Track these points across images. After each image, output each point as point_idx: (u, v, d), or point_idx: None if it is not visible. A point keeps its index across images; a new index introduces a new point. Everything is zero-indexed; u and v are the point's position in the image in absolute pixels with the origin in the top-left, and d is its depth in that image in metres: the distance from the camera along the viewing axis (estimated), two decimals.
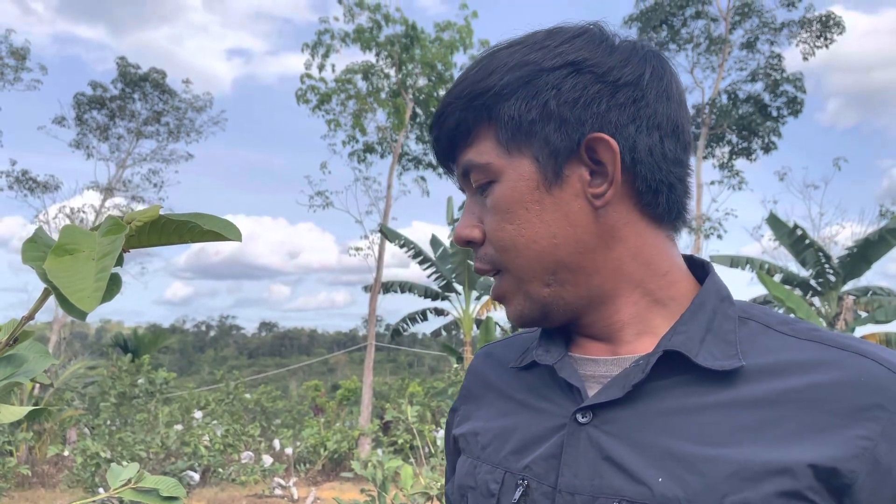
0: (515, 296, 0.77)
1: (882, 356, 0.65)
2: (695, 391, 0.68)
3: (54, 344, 17.98)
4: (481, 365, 0.92)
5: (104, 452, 9.17)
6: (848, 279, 15.14)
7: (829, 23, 18.68)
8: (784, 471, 0.62)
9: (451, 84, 0.80)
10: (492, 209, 0.75)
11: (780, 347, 0.69)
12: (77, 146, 20.70)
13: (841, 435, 0.62)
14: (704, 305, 0.73)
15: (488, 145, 0.74)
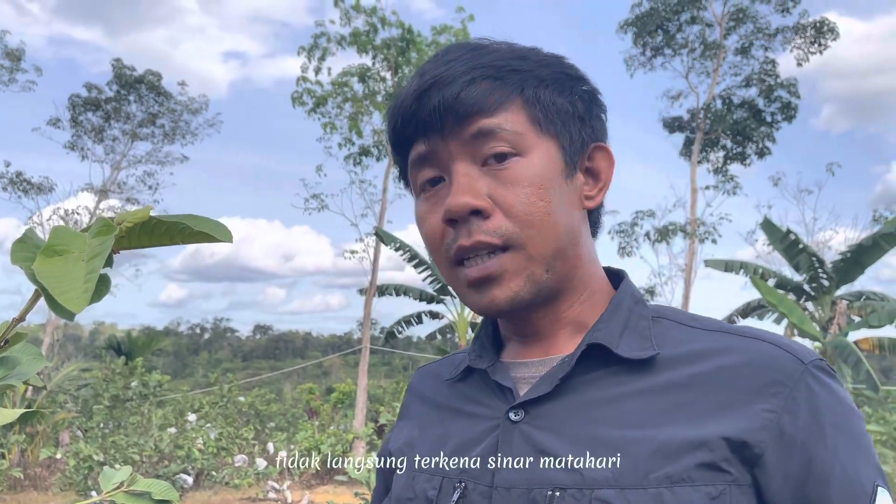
0: (517, 276, 0.74)
1: (778, 339, 0.73)
2: (617, 381, 0.74)
3: (47, 346, 17.92)
4: (418, 383, 0.95)
5: (97, 455, 9.14)
6: (841, 284, 15.19)
7: (824, 29, 18.77)
8: (701, 445, 0.67)
9: (449, 52, 0.78)
10: (517, 182, 0.73)
11: (690, 339, 0.75)
12: (72, 148, 20.66)
13: (748, 410, 0.68)
14: (621, 306, 0.79)
15: (519, 119, 0.75)
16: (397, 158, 0.83)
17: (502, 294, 0.74)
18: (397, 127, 0.78)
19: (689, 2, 18.73)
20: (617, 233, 18.34)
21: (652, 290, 18.32)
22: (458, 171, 0.75)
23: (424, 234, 0.79)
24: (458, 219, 0.74)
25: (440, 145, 0.75)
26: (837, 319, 14.38)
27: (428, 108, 0.75)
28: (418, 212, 0.80)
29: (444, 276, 0.80)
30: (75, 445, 9.69)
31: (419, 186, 0.80)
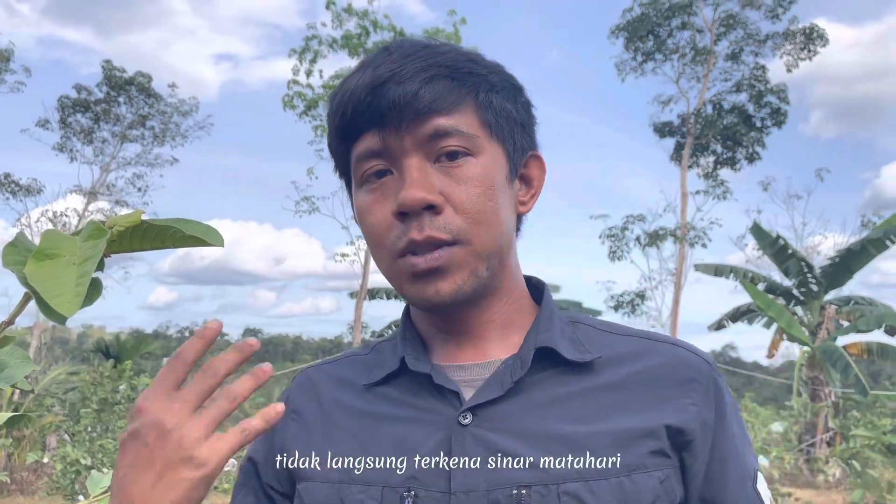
0: (461, 270, 0.76)
1: (687, 344, 0.84)
2: (562, 382, 0.78)
3: (35, 349, 17.80)
4: (316, 386, 0.88)
5: (84, 459, 9.07)
6: (830, 289, 15.28)
7: (813, 35, 18.92)
8: (649, 434, 0.75)
9: (401, 48, 0.78)
10: (468, 180, 0.76)
11: (612, 343, 0.82)
12: (61, 149, 20.54)
13: (678, 403, 0.78)
14: (553, 312, 0.84)
15: (472, 121, 0.77)
16: (340, 148, 0.82)
17: (447, 287, 0.76)
18: (347, 117, 0.78)
19: (679, 8, 18.84)
20: (608, 237, 18.40)
21: (642, 295, 18.37)
22: (410, 166, 0.75)
23: (368, 224, 0.78)
24: (411, 213, 0.74)
25: (394, 139, 0.75)
26: (826, 324, 14.45)
27: (386, 102, 0.74)
28: (362, 202, 0.79)
29: (383, 267, 0.80)
30: (62, 449, 9.62)
31: (363, 177, 0.79)
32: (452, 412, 0.76)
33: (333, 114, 0.80)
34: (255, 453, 0.87)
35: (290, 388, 0.90)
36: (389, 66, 0.76)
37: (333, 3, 16.52)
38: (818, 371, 14.03)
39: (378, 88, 0.75)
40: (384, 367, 0.84)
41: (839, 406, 13.95)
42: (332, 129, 0.81)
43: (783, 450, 8.54)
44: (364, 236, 0.81)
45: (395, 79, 0.75)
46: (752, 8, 18.94)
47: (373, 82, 0.75)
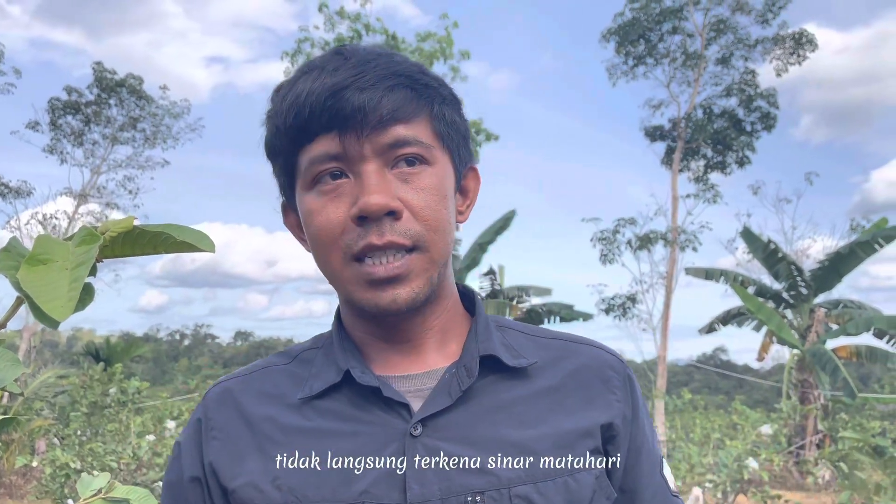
0: (419, 277, 0.77)
1: (602, 344, 0.89)
2: (505, 387, 0.81)
3: (24, 352, 17.69)
4: (237, 403, 0.83)
5: (74, 463, 9.02)
6: (819, 292, 15.37)
7: (802, 40, 19.05)
8: (587, 434, 0.80)
9: (356, 53, 0.78)
10: (425, 189, 0.77)
11: (539, 347, 0.86)
12: (51, 151, 20.42)
13: (605, 400, 0.83)
14: (488, 322, 0.86)
15: (427, 131, 0.79)
16: (287, 148, 0.79)
17: (405, 294, 0.76)
18: (303, 118, 0.76)
19: (670, 12, 18.94)
20: (599, 240, 18.44)
21: (633, 298, 18.42)
22: (369, 171, 0.75)
23: (318, 226, 0.77)
24: (371, 217, 0.74)
25: (354, 145, 0.75)
26: (815, 327, 14.54)
27: (350, 107, 0.74)
28: (312, 205, 0.78)
29: (330, 270, 0.79)
30: (52, 453, 9.57)
31: (314, 179, 0.78)
32: (402, 424, 0.76)
33: (284, 113, 0.78)
34: (186, 469, 0.82)
35: (203, 404, 0.85)
36: (350, 70, 0.76)
37: (326, 6, 16.52)
38: (807, 374, 14.11)
39: (340, 93, 0.75)
40: (321, 379, 0.81)
41: (828, 408, 14.03)
42: (281, 128, 0.79)
43: (772, 452, 8.58)
44: (309, 238, 0.80)
45: (358, 84, 0.75)
46: (743, 13, 19.06)
47: (334, 86, 0.75)
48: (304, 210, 0.80)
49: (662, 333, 18.00)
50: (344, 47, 0.81)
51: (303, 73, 0.79)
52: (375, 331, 0.83)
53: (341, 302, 0.86)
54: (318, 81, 0.76)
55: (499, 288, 16.74)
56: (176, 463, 0.84)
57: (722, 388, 47.49)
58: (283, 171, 0.82)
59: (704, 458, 9.68)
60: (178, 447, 0.85)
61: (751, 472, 8.11)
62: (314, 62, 0.80)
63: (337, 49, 0.81)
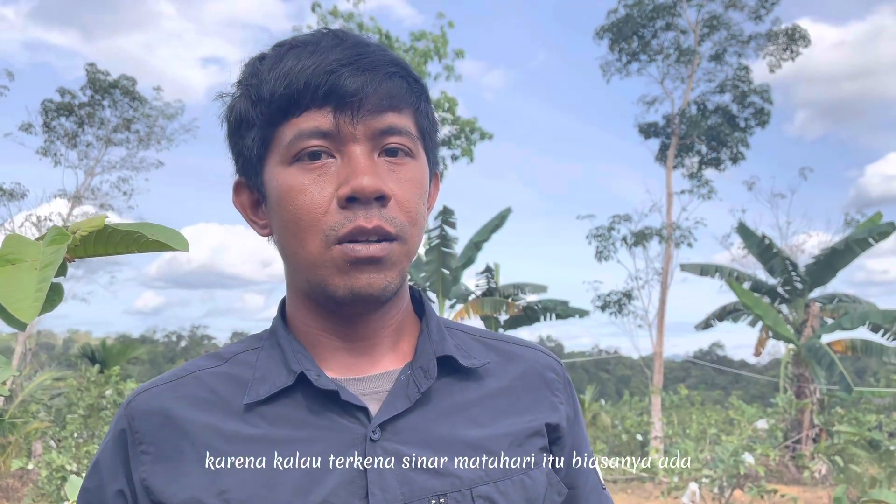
0: (395, 267, 0.75)
1: (540, 346, 0.91)
2: (460, 388, 0.81)
3: (20, 355, 17.63)
4: (165, 413, 0.76)
5: (70, 465, 9.00)
6: (814, 287, 15.40)
7: (795, 36, 19.07)
8: (536, 433, 0.81)
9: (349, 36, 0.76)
10: (409, 181, 0.76)
11: (485, 349, 0.86)
12: (44, 154, 20.34)
13: (550, 401, 0.85)
14: (440, 323, 0.85)
15: (413, 125, 0.78)
16: (268, 119, 0.75)
17: (380, 279, 0.74)
18: (294, 89, 0.73)
19: (663, 9, 18.94)
20: (594, 237, 18.45)
21: (629, 294, 18.44)
22: (358, 154, 0.73)
23: (300, 205, 0.73)
24: (362, 199, 0.72)
25: (347, 125, 0.73)
26: (811, 322, 14.57)
27: (352, 86, 0.72)
28: (293, 181, 0.73)
29: (307, 253, 0.74)
30: (48, 456, 9.54)
31: (296, 155, 0.73)
32: (360, 429, 0.74)
33: (272, 82, 0.74)
34: (109, 482, 0.76)
35: (127, 414, 0.77)
36: (349, 50, 0.74)
37: (319, 5, 16.49)
38: (803, 368, 14.14)
39: (340, 70, 0.72)
40: (268, 383, 0.76)
41: (824, 403, 14.07)
42: (265, 98, 0.74)
43: (769, 447, 8.60)
44: (285, 217, 0.75)
45: (359, 65, 0.73)
46: (736, 9, 19.07)
47: (335, 62, 0.72)
48: (280, 186, 0.75)
49: (658, 329, 18.02)
50: (333, 29, 0.79)
51: (292, 48, 0.76)
52: (331, 327, 0.80)
53: (294, 295, 0.82)
54: (313, 56, 0.73)
55: (494, 286, 16.74)
56: (95, 475, 0.77)
57: (718, 383, 47.55)
58: (256, 143, 0.77)
59: (701, 454, 9.70)
60: (96, 460, 0.78)
61: (747, 466, 8.13)
62: (305, 38, 0.77)
63: (327, 30, 0.78)
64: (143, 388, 0.80)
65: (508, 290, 16.67)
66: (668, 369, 26.99)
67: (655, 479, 10.92)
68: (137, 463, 0.74)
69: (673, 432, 13.28)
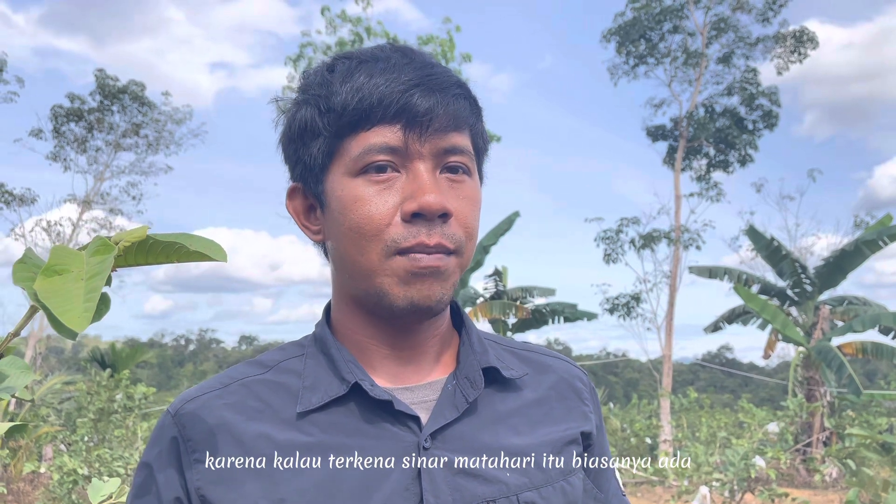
0: (450, 279, 0.77)
1: (567, 357, 0.95)
2: (500, 399, 0.84)
3: (30, 359, 17.72)
4: (220, 421, 0.76)
5: (81, 469, 9.03)
6: (824, 289, 15.34)
7: (803, 38, 19.01)
8: (572, 441, 0.85)
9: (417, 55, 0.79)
10: (466, 198, 0.79)
11: (520, 361, 0.89)
12: (54, 159, 20.47)
13: (581, 410, 0.89)
14: (480, 335, 0.88)
15: (469, 143, 0.81)
16: (335, 130, 0.77)
17: (438, 290, 0.76)
18: (368, 104, 0.75)
19: (671, 11, 18.92)
20: (602, 240, 18.42)
21: (638, 297, 18.39)
22: (423, 171, 0.76)
23: (364, 215, 0.74)
24: (427, 216, 0.74)
25: (414, 142, 0.75)
26: (821, 324, 14.50)
27: (422, 106, 0.75)
28: (359, 192, 0.75)
29: (368, 261, 0.75)
30: (59, 459, 9.58)
31: (362, 167, 0.75)
32: (413, 437, 0.76)
33: (344, 95, 0.76)
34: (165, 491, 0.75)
35: (177, 421, 0.78)
36: (418, 70, 0.77)
37: (328, 9, 16.55)
38: (813, 371, 14.07)
39: (413, 89, 0.75)
40: (320, 392, 0.77)
41: (834, 406, 14.00)
42: (336, 109, 0.76)
43: (779, 450, 8.56)
44: (346, 225, 0.76)
45: (429, 85, 0.76)
46: (743, 11, 19.03)
47: (407, 81, 0.75)
48: (345, 196, 0.76)
49: (667, 332, 17.97)
50: (398, 45, 0.82)
51: (362, 62, 0.78)
52: (381, 335, 0.82)
53: (343, 302, 0.83)
54: (386, 74, 0.76)
55: (502, 289, 16.73)
56: (148, 485, 0.77)
57: (727, 386, 47.36)
58: (321, 152, 0.78)
59: (711, 457, 9.66)
60: (146, 468, 0.78)
61: (758, 470, 8.10)
62: (373, 53, 0.79)
63: (393, 45, 0.81)
64: (190, 395, 0.80)
65: (516, 294, 16.66)
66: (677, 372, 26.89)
67: (665, 482, 10.88)
68: (192, 472, 0.75)
69: (682, 436, 13.23)
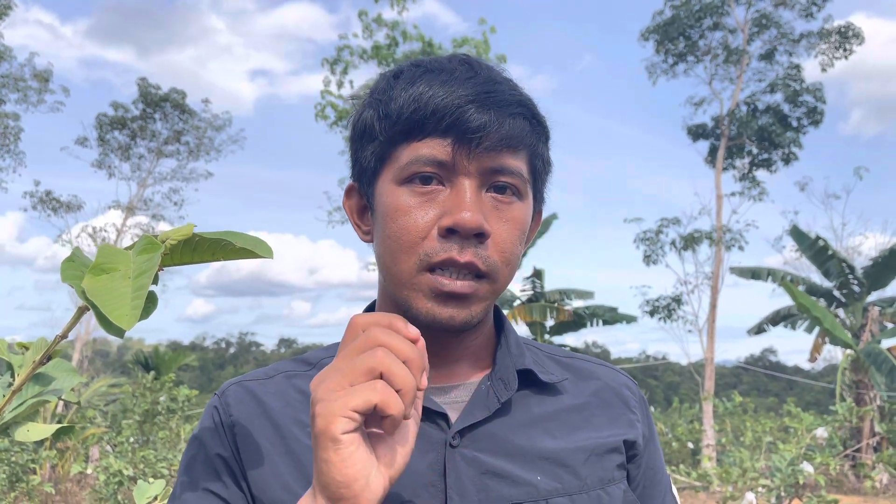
0: (479, 303, 0.76)
1: (614, 366, 0.93)
2: (536, 402, 0.82)
3: (76, 362, 18.17)
4: (261, 404, 0.80)
5: (127, 470, 9.22)
6: (872, 290, 14.94)
7: (849, 34, 18.55)
8: (614, 449, 0.82)
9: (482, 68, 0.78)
10: (511, 221, 0.77)
11: (562, 368, 0.88)
12: (99, 166, 20.99)
13: (627, 419, 0.86)
14: (518, 338, 0.88)
15: (524, 165, 0.78)
16: (390, 136, 0.77)
17: (462, 315, 0.75)
18: (422, 115, 0.74)
19: (711, 8, 18.62)
20: (642, 241, 18.19)
21: (678, 299, 18.13)
22: (466, 187, 0.74)
23: (402, 226, 0.75)
24: (463, 234, 0.73)
25: (464, 158, 0.74)
26: (869, 326, 14.12)
27: (475, 123, 0.73)
28: (401, 202, 0.75)
29: (400, 272, 0.76)
30: (105, 460, 9.79)
31: (409, 177, 0.75)
32: (440, 435, 0.76)
33: (402, 103, 0.76)
34: (212, 448, 0.79)
35: (221, 401, 0.82)
36: (480, 86, 0.75)
37: (365, 13, 16.68)
38: (862, 374, 13.70)
39: (467, 105, 0.74)
40: None
41: (885, 410, 13.61)
42: (392, 116, 0.76)
43: (828, 455, 8.34)
44: (386, 233, 0.77)
45: (486, 102, 0.74)
46: (786, 7, 18.65)
47: (464, 97, 0.74)
48: (388, 202, 0.77)
49: (709, 335, 17.67)
50: (469, 57, 0.80)
51: (427, 71, 0.77)
52: None
53: (385, 303, 0.83)
54: (445, 86, 0.75)
55: (540, 291, 16.63)
56: (195, 450, 0.80)
57: (771, 389, 46.47)
58: (374, 156, 0.79)
59: (756, 463, 9.46)
60: (195, 440, 0.81)
61: (806, 476, 7.90)
62: (441, 63, 0.79)
63: (463, 57, 0.80)
64: (236, 380, 0.85)
65: (554, 296, 16.55)
66: (719, 375, 26.47)
67: (709, 488, 10.69)
68: (233, 440, 0.78)
69: (726, 440, 12.99)
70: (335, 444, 0.58)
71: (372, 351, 0.60)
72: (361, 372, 0.59)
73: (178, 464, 10.61)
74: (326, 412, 0.58)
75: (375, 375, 0.59)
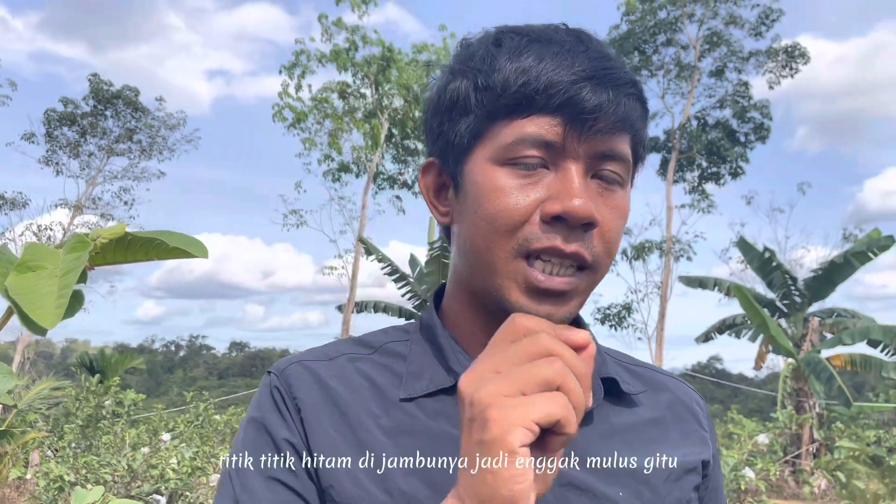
0: (578, 298, 0.69)
1: (682, 379, 0.88)
2: (615, 413, 0.77)
3: (18, 364, 17.59)
4: (323, 385, 0.74)
5: (68, 475, 8.96)
6: (813, 301, 15.39)
7: (795, 53, 19.16)
8: (691, 470, 0.77)
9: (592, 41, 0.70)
10: (616, 210, 0.70)
11: (633, 376, 0.83)
12: (46, 163, 20.42)
13: (699, 436, 0.81)
14: (598, 343, 0.81)
15: (629, 150, 0.71)
16: (490, 111, 0.69)
17: (559, 313, 0.68)
18: (533, 89, 0.67)
19: (665, 24, 19.05)
20: None
21: (629, 307, 18.43)
22: (574, 173, 0.67)
23: (501, 208, 0.67)
24: (571, 222, 0.66)
25: (573, 140, 0.67)
26: (810, 336, 14.54)
27: (591, 103, 0.66)
28: (501, 182, 0.68)
29: (493, 258, 0.69)
30: (46, 465, 9.50)
31: (511, 158, 0.68)
32: None
33: (507, 74, 0.68)
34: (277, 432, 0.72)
35: (282, 378, 0.75)
36: (593, 62, 0.68)
37: (325, 16, 16.59)
38: (802, 383, 14.11)
39: (584, 82, 0.66)
40: (425, 379, 0.74)
41: (823, 418, 14.03)
42: (495, 88, 0.69)
43: (769, 462, 8.56)
44: (480, 214, 0.69)
45: (602, 80, 0.67)
46: (736, 26, 19.18)
47: (581, 72, 0.66)
48: (485, 183, 0.69)
49: (658, 343, 18.00)
50: (572, 28, 0.72)
51: (533, 41, 0.69)
52: (494, 330, 0.69)
53: (459, 290, 0.77)
54: (557, 58, 0.67)
55: None
56: (257, 432, 0.73)
57: (717, 397, 47.42)
58: (469, 131, 0.71)
59: None
60: (253, 422, 0.74)
61: (748, 481, 8.10)
62: (545, 32, 0.71)
63: (566, 27, 0.72)
64: (295, 358, 0.78)
65: None
66: None
67: None
68: (298, 424, 0.72)
69: None
70: (511, 457, 0.52)
71: (550, 361, 0.55)
72: (537, 382, 0.54)
73: (122, 470, 10.36)
74: (504, 420, 0.53)
75: (552, 388, 0.54)
